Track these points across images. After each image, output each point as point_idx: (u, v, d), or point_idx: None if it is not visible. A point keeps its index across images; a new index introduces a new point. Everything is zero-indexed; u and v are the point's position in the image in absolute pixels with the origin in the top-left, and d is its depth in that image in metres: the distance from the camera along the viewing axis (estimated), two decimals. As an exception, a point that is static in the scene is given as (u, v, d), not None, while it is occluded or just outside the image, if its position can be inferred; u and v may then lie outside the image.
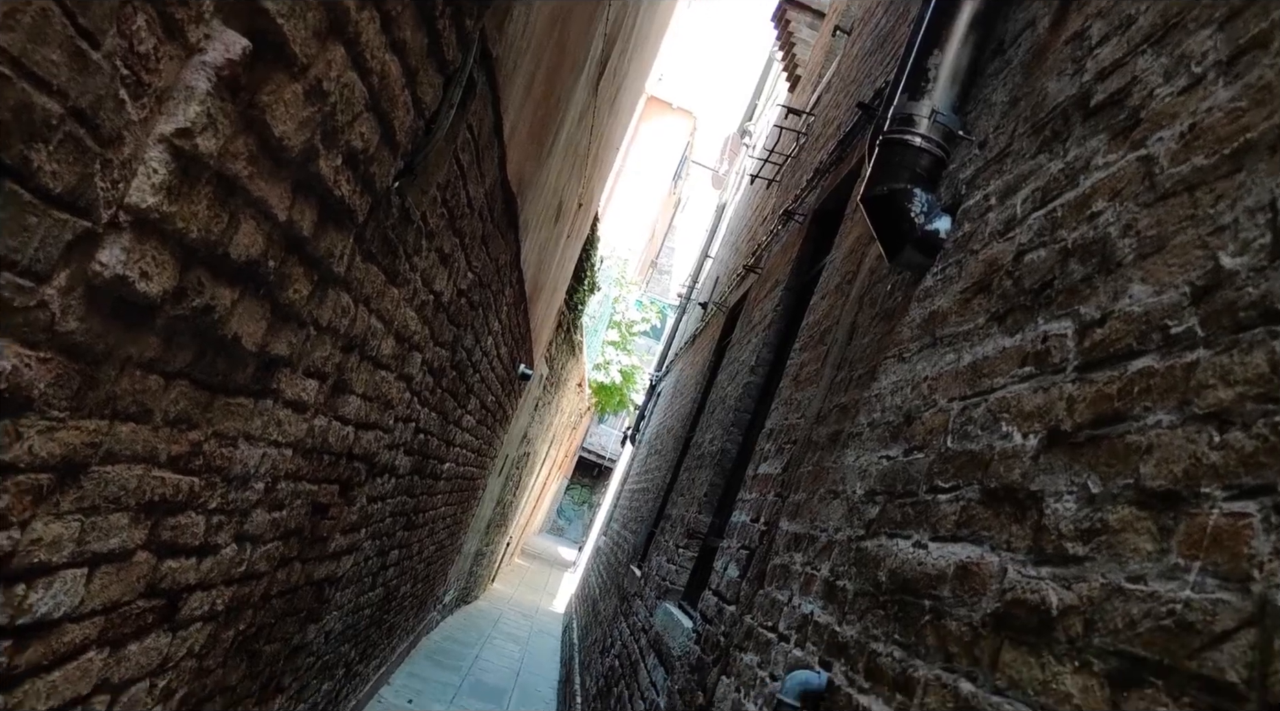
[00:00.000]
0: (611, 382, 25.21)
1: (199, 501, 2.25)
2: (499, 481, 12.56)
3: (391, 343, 3.42)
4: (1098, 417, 1.45)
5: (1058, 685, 1.30)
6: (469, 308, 4.77)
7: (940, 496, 1.97)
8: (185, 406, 1.95)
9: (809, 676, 2.26)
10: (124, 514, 1.88)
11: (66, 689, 1.95)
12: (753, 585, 3.38)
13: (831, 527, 2.67)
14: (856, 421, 2.82)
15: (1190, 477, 1.19)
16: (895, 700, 1.82)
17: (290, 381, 2.54)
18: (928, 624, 1.80)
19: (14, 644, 1.66)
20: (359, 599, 5.15)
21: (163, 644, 2.40)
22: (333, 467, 3.33)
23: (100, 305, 1.49)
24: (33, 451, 1.48)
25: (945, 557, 1.82)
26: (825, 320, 3.94)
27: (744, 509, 4.06)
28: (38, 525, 1.58)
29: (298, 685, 4.40)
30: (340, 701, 6.06)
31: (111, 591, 1.97)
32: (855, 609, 2.23)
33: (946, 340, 2.30)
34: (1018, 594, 1.50)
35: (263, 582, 3.06)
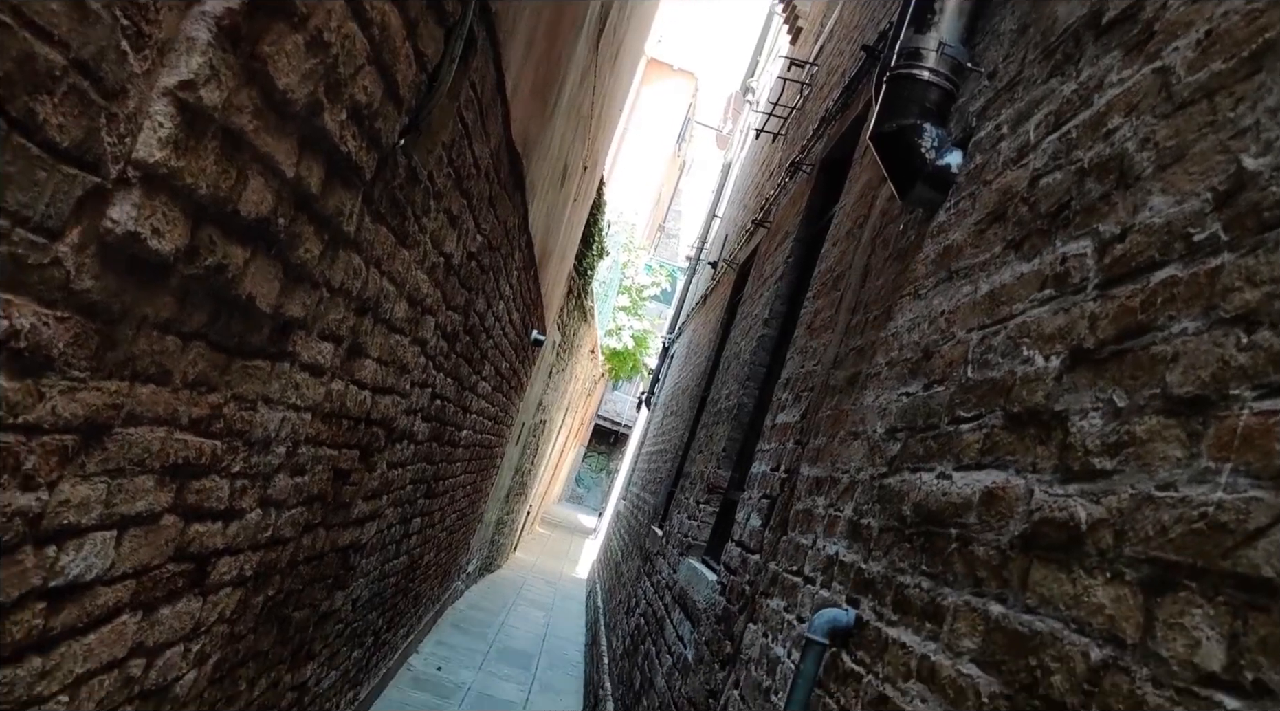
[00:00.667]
0: (624, 348, 25.21)
1: (222, 465, 2.26)
2: (516, 450, 12.61)
3: (404, 306, 3.42)
4: (1121, 332, 1.44)
5: (1089, 597, 1.29)
6: (479, 271, 4.76)
7: (962, 426, 1.96)
8: (204, 368, 1.96)
9: (837, 613, 2.26)
10: (149, 476, 1.89)
11: (103, 651, 1.97)
12: (775, 532, 3.38)
13: (853, 468, 2.66)
14: (874, 362, 2.81)
15: (1218, 381, 1.17)
16: (925, 628, 1.82)
17: (306, 344, 2.54)
18: (954, 552, 1.79)
19: (48, 606, 1.68)
20: (384, 567, 5.19)
21: (194, 608, 2.43)
22: (352, 432, 3.34)
23: (114, 263, 1.49)
24: (56, 412, 1.49)
25: (970, 485, 1.82)
26: (837, 266, 3.92)
27: (763, 459, 4.06)
28: (65, 487, 1.59)
29: (328, 652, 4.45)
30: (370, 669, 6.13)
31: (141, 554, 1.99)
32: (880, 545, 2.24)
33: (962, 272, 2.29)
34: (1045, 513, 1.49)
35: (289, 548, 3.08)
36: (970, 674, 1.57)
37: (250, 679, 3.22)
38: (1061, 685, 1.30)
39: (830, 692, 2.25)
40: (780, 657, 2.75)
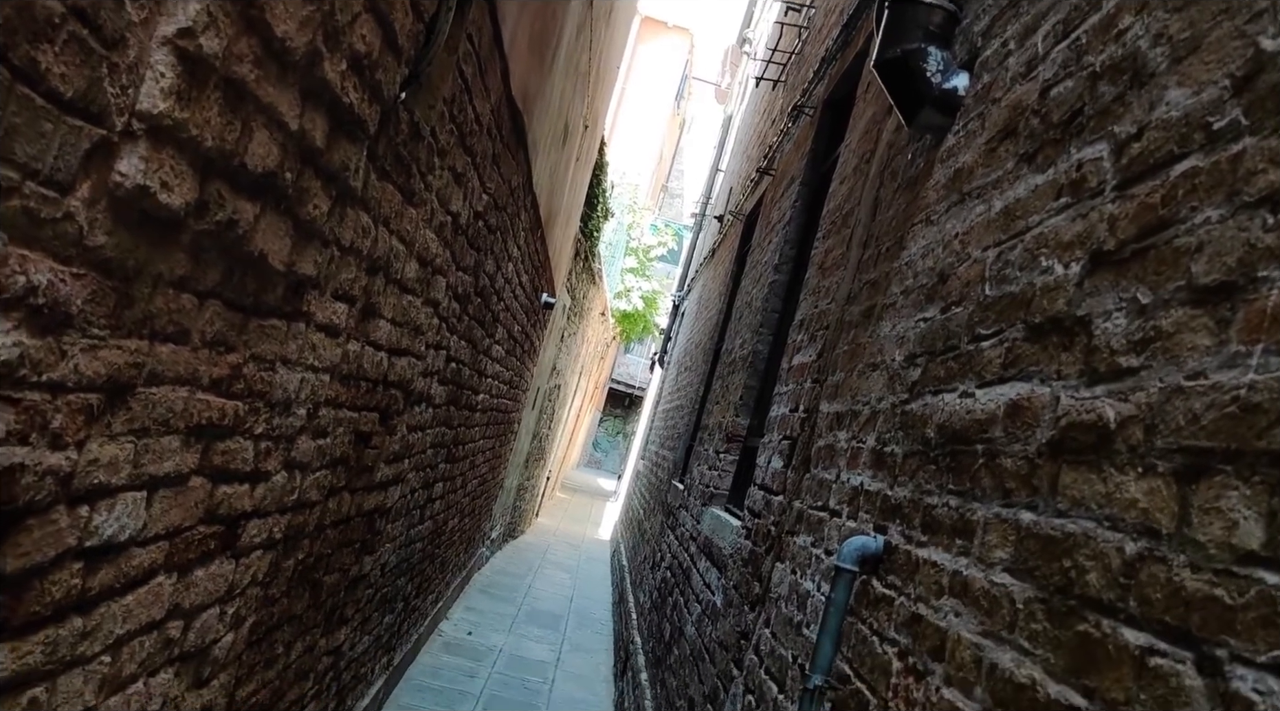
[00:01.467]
0: (634, 310, 25.19)
1: (245, 426, 2.27)
2: (533, 415, 12.65)
3: (415, 266, 3.41)
4: (1142, 230, 1.42)
5: (1122, 494, 1.29)
6: (487, 231, 4.74)
7: (983, 344, 1.95)
8: (221, 328, 1.96)
9: (865, 541, 2.27)
10: (175, 437, 1.90)
11: (141, 612, 1.99)
12: (798, 472, 3.39)
13: (873, 399, 2.66)
14: (889, 292, 2.80)
15: (1245, 265, 1.16)
16: (955, 545, 1.82)
17: (320, 304, 2.54)
18: (981, 467, 1.79)
19: (85, 566, 1.70)
20: (409, 532, 5.23)
21: (227, 570, 2.45)
22: (370, 395, 3.35)
23: (126, 218, 1.49)
24: (79, 370, 1.49)
25: (994, 400, 1.81)
26: (846, 203, 3.89)
27: (781, 401, 4.06)
28: (93, 446, 1.60)
29: (360, 617, 4.49)
30: (402, 635, 6.20)
31: (172, 516, 2.00)
32: (905, 470, 2.24)
33: (975, 193, 2.26)
34: (1073, 418, 1.49)
35: (315, 512, 3.10)
36: (1003, 583, 1.57)
37: (287, 642, 3.26)
38: (1097, 582, 1.30)
39: (862, 619, 2.26)
40: (810, 591, 2.77)
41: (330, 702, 4.40)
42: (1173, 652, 1.11)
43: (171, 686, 2.31)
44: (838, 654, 2.32)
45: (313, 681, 3.87)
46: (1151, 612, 1.17)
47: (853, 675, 2.21)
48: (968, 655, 1.64)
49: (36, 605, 1.57)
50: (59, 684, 1.73)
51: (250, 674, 2.93)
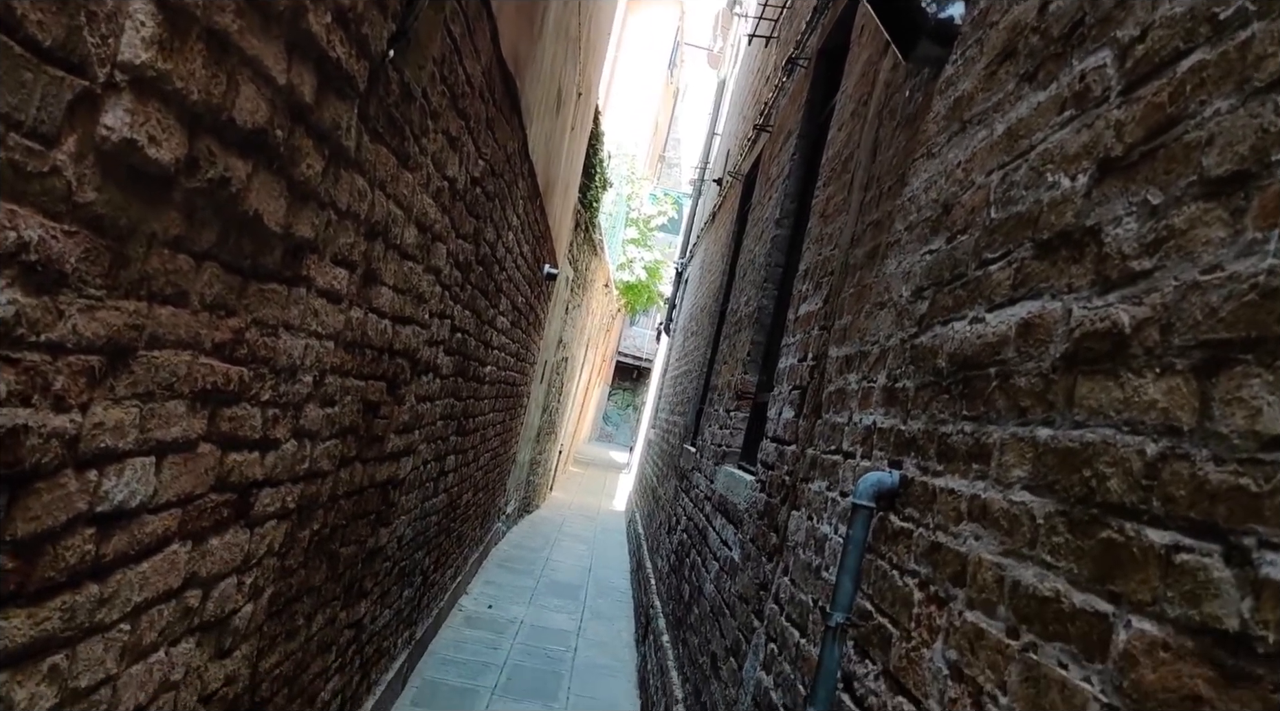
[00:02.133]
0: (637, 280, 25.13)
1: (251, 393, 2.25)
2: (542, 388, 12.65)
3: (414, 231, 3.39)
4: (1150, 131, 1.39)
5: (1140, 397, 1.27)
6: (485, 198, 4.71)
7: (990, 268, 1.92)
8: (220, 291, 1.94)
9: (881, 476, 2.25)
10: (180, 402, 1.88)
11: (158, 580, 1.99)
12: (809, 419, 3.37)
13: (882, 337, 2.63)
14: (892, 230, 2.77)
15: (1258, 151, 1.13)
16: (972, 470, 1.80)
17: (320, 269, 2.52)
18: (995, 390, 1.77)
19: (98, 532, 1.69)
20: (424, 504, 5.23)
21: (242, 540, 2.44)
22: (376, 363, 3.33)
23: (115, 173, 1.46)
24: (77, 331, 1.47)
25: (1004, 322, 1.79)
26: (845, 149, 3.85)
27: (789, 353, 4.04)
28: (98, 410, 1.59)
29: (379, 590, 4.51)
30: (423, 609, 6.23)
31: (183, 483, 1.99)
32: (918, 403, 2.21)
33: (976, 119, 2.23)
34: (1087, 327, 1.46)
35: (328, 482, 3.10)
36: (1022, 501, 1.55)
37: (307, 614, 3.26)
38: (1118, 487, 1.28)
39: (881, 555, 2.25)
40: (828, 535, 2.76)
41: (354, 676, 4.42)
42: (1199, 547, 1.09)
43: (193, 656, 2.31)
44: (858, 591, 2.31)
45: (335, 654, 3.89)
46: (1176, 510, 1.15)
47: (874, 611, 2.20)
48: (989, 576, 1.62)
49: (51, 570, 1.56)
50: (79, 651, 1.73)
51: (272, 645, 2.94)
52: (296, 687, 3.38)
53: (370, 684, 4.91)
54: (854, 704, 2.20)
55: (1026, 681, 1.42)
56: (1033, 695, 1.39)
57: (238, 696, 2.72)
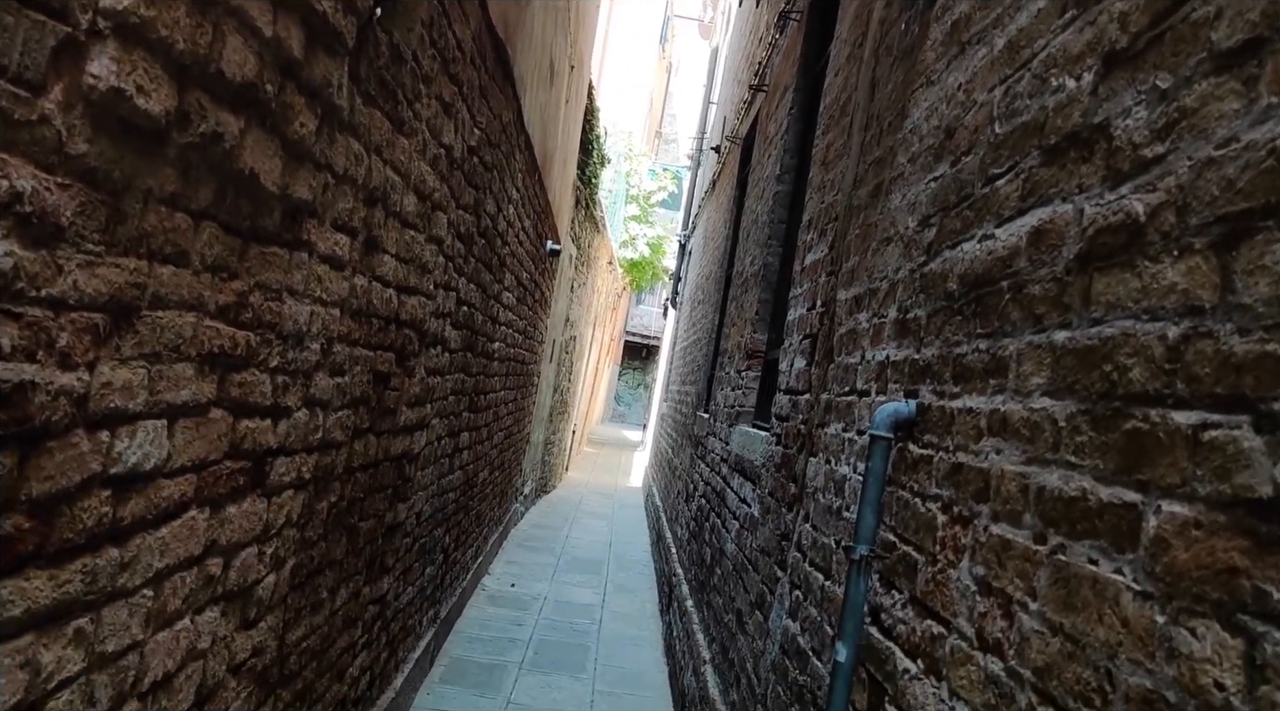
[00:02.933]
0: (641, 257, 25.05)
1: (259, 359, 2.24)
2: (551, 367, 12.65)
3: (413, 199, 3.36)
4: (1155, 16, 1.36)
5: (1159, 282, 1.24)
6: (483, 169, 4.68)
7: (997, 183, 1.89)
8: (220, 252, 1.92)
9: (898, 406, 2.23)
10: (188, 364, 1.87)
11: (178, 547, 1.98)
12: (821, 366, 3.35)
13: (890, 271, 2.61)
14: (895, 164, 2.74)
15: (1269, 16, 1.10)
16: (989, 386, 1.78)
17: (321, 234, 2.50)
18: (1009, 302, 1.75)
19: (114, 494, 1.68)
20: (440, 481, 5.23)
21: (260, 509, 2.44)
22: (383, 333, 3.32)
23: (106, 125, 1.44)
24: (78, 287, 1.46)
25: (1015, 233, 1.76)
26: (842, 94, 3.81)
27: (798, 304, 4.02)
28: (105, 369, 1.57)
29: (401, 566, 4.51)
30: (445, 588, 6.24)
31: (196, 448, 1.98)
32: (930, 330, 2.19)
33: (975, 39, 2.19)
34: (1100, 224, 1.43)
35: (343, 453, 3.09)
36: (1043, 407, 1.53)
37: (330, 588, 3.27)
38: (1140, 376, 1.25)
39: (901, 485, 2.23)
40: (846, 475, 2.74)
41: (382, 652, 4.43)
42: (1227, 421, 1.07)
43: (219, 625, 2.31)
44: (880, 524, 2.30)
45: (361, 630, 3.89)
46: (1201, 389, 1.12)
47: (897, 541, 2.19)
48: (1013, 487, 1.60)
49: (69, 532, 1.56)
50: (104, 616, 1.73)
51: (297, 618, 2.94)
52: (325, 662, 3.39)
53: (398, 661, 4.93)
54: (882, 635, 2.19)
55: (1056, 583, 1.40)
56: (1063, 596, 1.37)
57: (266, 668, 2.73)
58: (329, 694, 3.54)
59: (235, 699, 2.52)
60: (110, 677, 1.80)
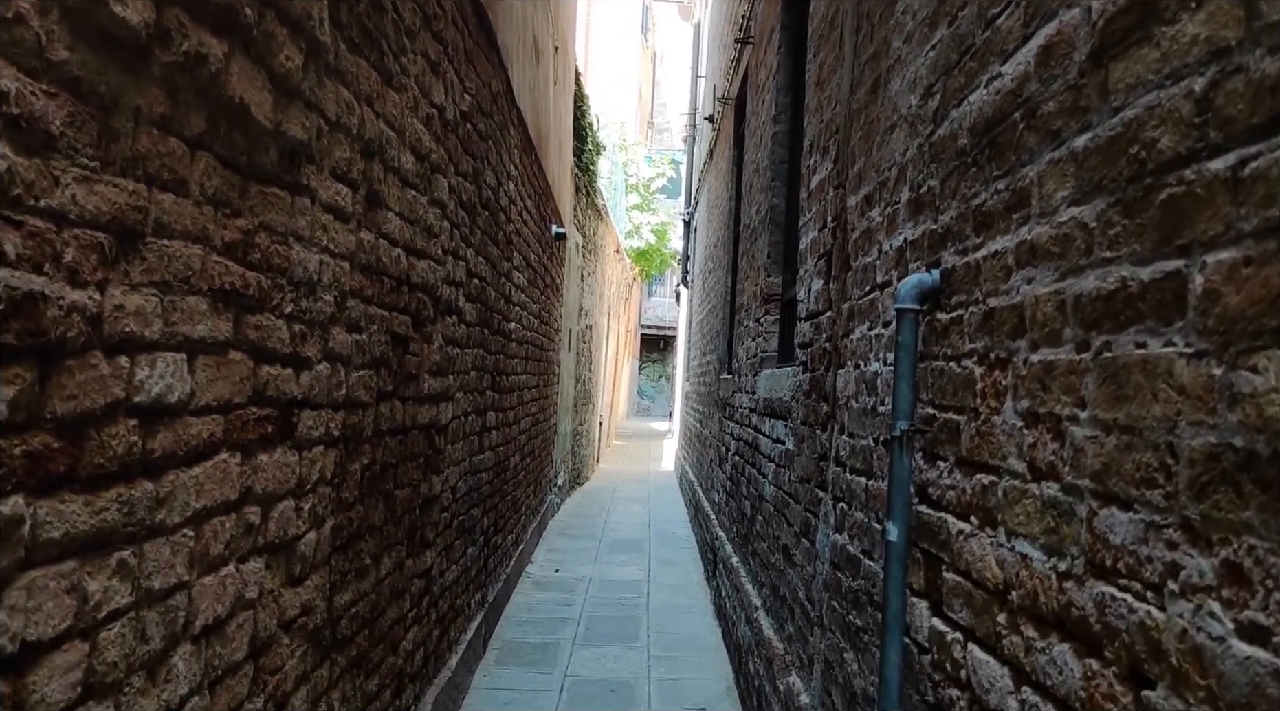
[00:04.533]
0: (647, 245, 25.03)
1: (272, 302, 2.22)
2: (571, 357, 12.64)
3: (410, 157, 3.34)
4: None
5: (1179, 42, 1.19)
6: (479, 138, 4.66)
7: (998, 21, 1.85)
8: (220, 185, 1.90)
9: (921, 277, 2.19)
10: (200, 299, 1.85)
11: (213, 488, 1.96)
12: (839, 279, 3.31)
13: (898, 156, 2.56)
14: (890, 52, 2.69)
15: None
16: (1013, 221, 1.74)
17: (321, 181, 2.48)
18: (1024, 131, 1.70)
19: (141, 425, 1.66)
20: (472, 459, 5.22)
21: (292, 461, 2.42)
22: (396, 294, 3.30)
23: (85, 33, 1.42)
24: (78, 202, 1.44)
25: (1021, 62, 1.72)
26: (830, 8, 3.76)
27: (808, 230, 3.97)
28: (115, 292, 1.55)
29: (442, 542, 4.50)
30: (490, 572, 6.24)
31: (219, 388, 1.96)
32: (946, 194, 2.15)
33: (957, -106, 2.15)
34: (1110, 11, 1.39)
35: (369, 415, 3.07)
36: (1070, 217, 1.49)
37: (373, 555, 3.25)
38: (1169, 143, 1.21)
39: (934, 356, 2.19)
40: (878, 371, 2.70)
41: (433, 630, 4.42)
42: (1266, 146, 1.02)
43: (265, 577, 2.30)
44: (917, 401, 2.25)
45: (410, 603, 3.88)
46: (1235, 129, 1.08)
47: (936, 412, 2.15)
48: (1049, 307, 1.56)
49: (100, 457, 1.54)
50: (146, 551, 1.71)
51: (344, 582, 2.92)
52: (376, 632, 3.37)
53: (451, 642, 4.92)
54: (931, 508, 2.15)
55: (1105, 382, 1.36)
56: (1113, 391, 1.33)
57: (318, 628, 2.71)
58: (384, 665, 3.53)
59: (290, 656, 2.50)
60: (160, 616, 1.78)
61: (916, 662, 2.19)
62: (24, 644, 1.38)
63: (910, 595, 2.25)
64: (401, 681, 3.83)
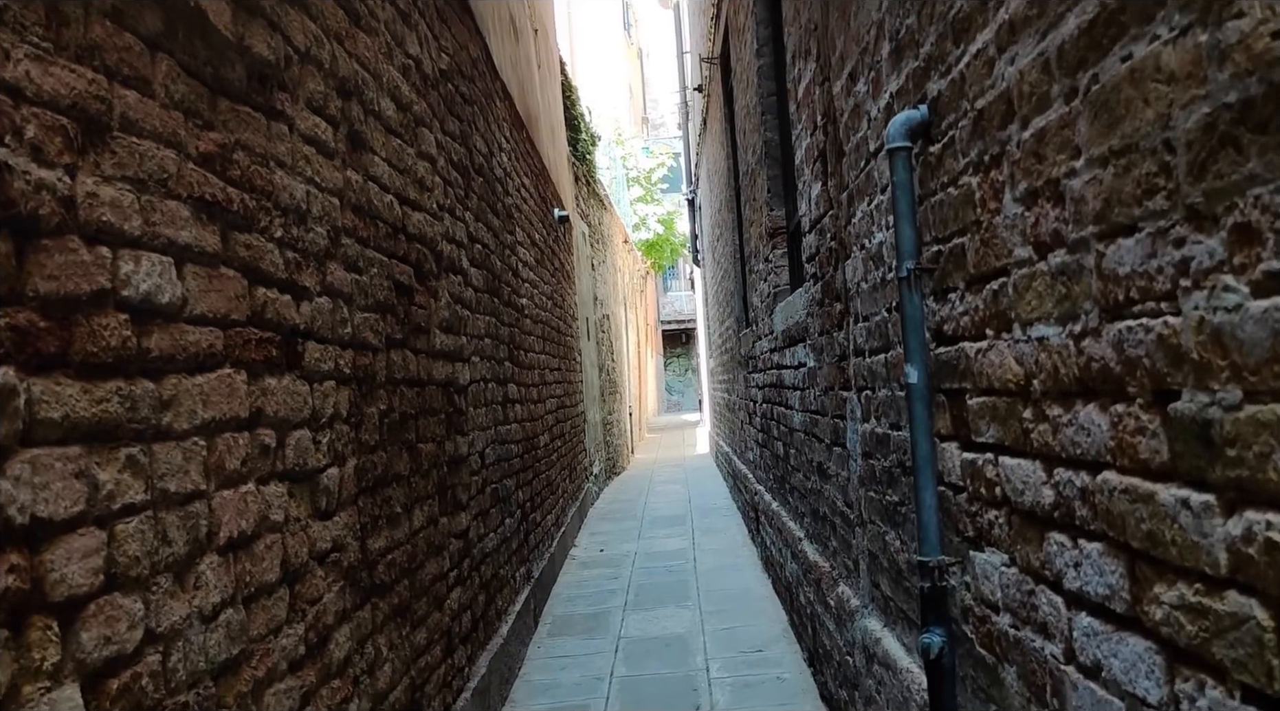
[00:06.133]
0: (655, 236, 25.01)
1: (260, 225, 2.20)
2: (591, 346, 12.63)
3: (390, 104, 3.33)
4: None
5: None
6: (462, 100, 4.65)
7: None
8: (186, 92, 1.89)
9: (908, 114, 2.14)
10: (181, 204, 1.84)
11: (220, 401, 1.95)
12: (835, 173, 3.26)
13: (874, 16, 2.52)
14: (854, -85, 2.65)
15: None
16: (986, 9, 1.70)
17: (296, 111, 2.47)
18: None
19: (133, 321, 1.64)
20: (498, 429, 5.20)
21: (302, 390, 2.40)
22: (393, 241, 3.28)
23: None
24: (32, 79, 1.42)
25: None
26: (793, -89, 3.73)
27: (802, 139, 3.93)
28: (86, 180, 1.54)
29: (476, 507, 4.48)
30: (532, 548, 6.23)
31: (213, 300, 1.95)
32: (923, 22, 2.10)
33: None
34: None
35: (380, 360, 3.05)
36: None
37: (404, 504, 3.23)
38: None
39: (932, 192, 2.14)
40: (882, 240, 2.65)
41: (479, 595, 4.40)
42: None
43: (290, 505, 2.28)
44: (920, 242, 2.21)
45: (450, 562, 3.86)
46: None
47: (941, 245, 2.10)
48: (1035, 74, 1.52)
49: (93, 346, 1.52)
50: (156, 451, 1.69)
51: (374, 526, 2.90)
52: (418, 584, 3.36)
53: (499, 612, 4.90)
54: (948, 345, 2.10)
55: (1098, 115, 1.31)
56: (1106, 120, 1.29)
57: (353, 567, 2.70)
58: (430, 620, 3.51)
59: (327, 590, 2.48)
60: (180, 520, 1.76)
61: (952, 504, 2.14)
62: (36, 519, 1.36)
63: (939, 441, 2.20)
64: (451, 640, 3.81)
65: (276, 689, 2.15)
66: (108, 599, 1.53)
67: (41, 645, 1.37)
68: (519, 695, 4.84)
